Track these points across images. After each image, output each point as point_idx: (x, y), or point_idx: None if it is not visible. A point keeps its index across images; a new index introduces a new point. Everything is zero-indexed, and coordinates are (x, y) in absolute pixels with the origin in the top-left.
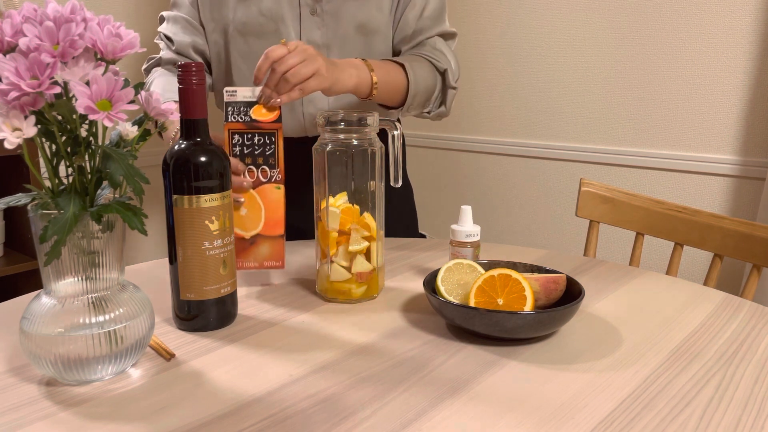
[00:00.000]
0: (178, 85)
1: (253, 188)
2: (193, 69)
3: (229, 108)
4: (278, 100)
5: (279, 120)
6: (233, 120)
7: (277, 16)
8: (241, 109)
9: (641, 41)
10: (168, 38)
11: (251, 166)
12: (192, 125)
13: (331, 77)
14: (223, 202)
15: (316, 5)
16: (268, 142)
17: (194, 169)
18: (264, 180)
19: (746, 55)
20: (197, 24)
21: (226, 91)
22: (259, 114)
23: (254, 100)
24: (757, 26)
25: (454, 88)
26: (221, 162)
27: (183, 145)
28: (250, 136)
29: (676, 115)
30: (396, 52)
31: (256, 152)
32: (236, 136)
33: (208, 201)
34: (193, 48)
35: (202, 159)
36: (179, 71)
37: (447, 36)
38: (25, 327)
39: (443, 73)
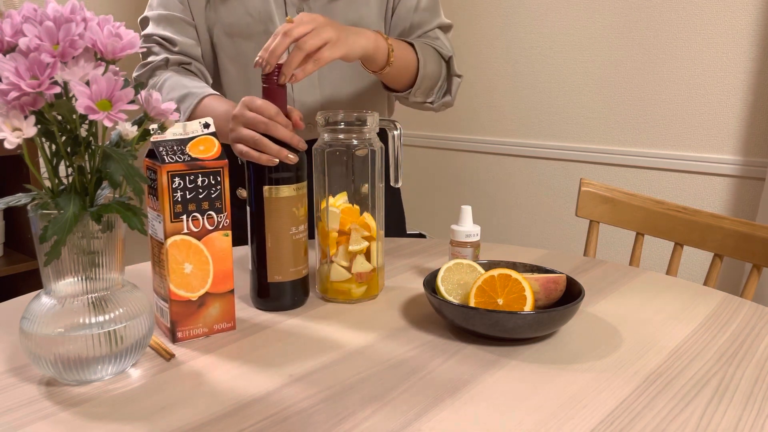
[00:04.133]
0: (262, 84)
1: (199, 239)
2: (275, 69)
3: (161, 148)
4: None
5: (222, 156)
6: (171, 161)
7: (265, 16)
8: (175, 147)
9: (641, 41)
10: (166, 40)
11: (195, 214)
12: None
13: (345, 44)
14: (303, 192)
15: (303, 4)
16: (213, 182)
17: (286, 162)
18: (211, 228)
19: (746, 55)
20: (191, 21)
21: (152, 130)
22: (198, 151)
23: (186, 136)
24: (757, 26)
25: (459, 75)
26: (306, 155)
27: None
28: (192, 177)
29: (677, 115)
30: None
31: (201, 196)
32: (177, 179)
33: (297, 190)
34: (199, 46)
35: (297, 152)
36: (263, 73)
37: (445, 28)
38: (25, 327)
39: (448, 61)
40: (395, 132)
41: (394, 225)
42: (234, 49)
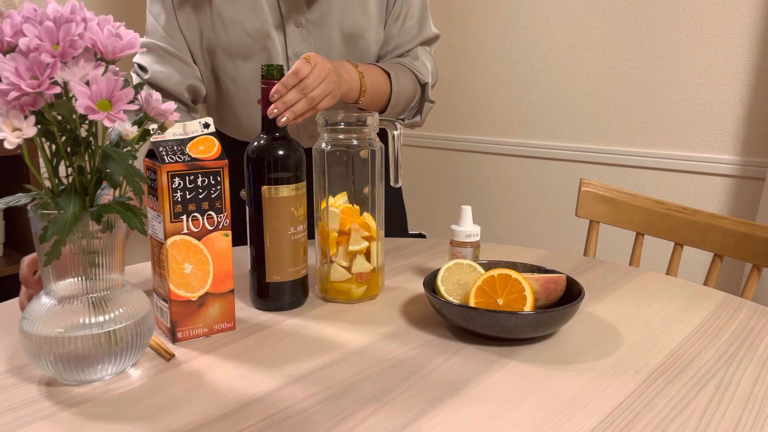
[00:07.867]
0: (261, 86)
1: (199, 239)
2: (275, 69)
3: (161, 148)
4: (283, 119)
5: (222, 156)
6: (170, 161)
7: (263, 34)
8: (175, 147)
9: (641, 41)
10: (140, 67)
11: (195, 214)
12: (275, 122)
13: (339, 91)
14: (302, 192)
15: (300, 17)
16: (213, 182)
17: (288, 161)
18: (211, 228)
19: (746, 55)
20: (174, 51)
21: (152, 130)
22: (198, 151)
23: (185, 136)
24: (757, 26)
25: (432, 101)
26: (305, 155)
27: (270, 141)
28: (192, 177)
29: (676, 115)
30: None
31: (201, 196)
32: (177, 180)
33: (296, 189)
34: (177, 82)
35: (296, 152)
36: (263, 69)
37: (429, 41)
38: (25, 327)
39: (423, 86)
40: (395, 132)
41: (397, 226)
42: (234, 70)
